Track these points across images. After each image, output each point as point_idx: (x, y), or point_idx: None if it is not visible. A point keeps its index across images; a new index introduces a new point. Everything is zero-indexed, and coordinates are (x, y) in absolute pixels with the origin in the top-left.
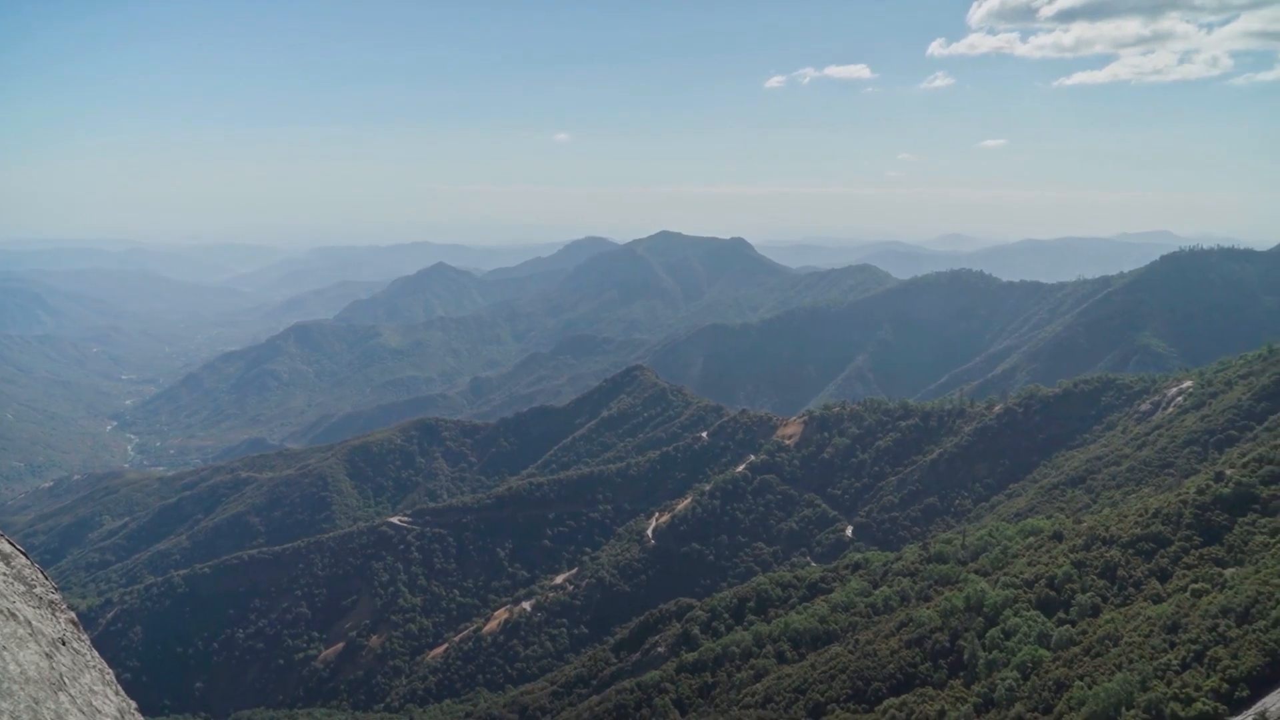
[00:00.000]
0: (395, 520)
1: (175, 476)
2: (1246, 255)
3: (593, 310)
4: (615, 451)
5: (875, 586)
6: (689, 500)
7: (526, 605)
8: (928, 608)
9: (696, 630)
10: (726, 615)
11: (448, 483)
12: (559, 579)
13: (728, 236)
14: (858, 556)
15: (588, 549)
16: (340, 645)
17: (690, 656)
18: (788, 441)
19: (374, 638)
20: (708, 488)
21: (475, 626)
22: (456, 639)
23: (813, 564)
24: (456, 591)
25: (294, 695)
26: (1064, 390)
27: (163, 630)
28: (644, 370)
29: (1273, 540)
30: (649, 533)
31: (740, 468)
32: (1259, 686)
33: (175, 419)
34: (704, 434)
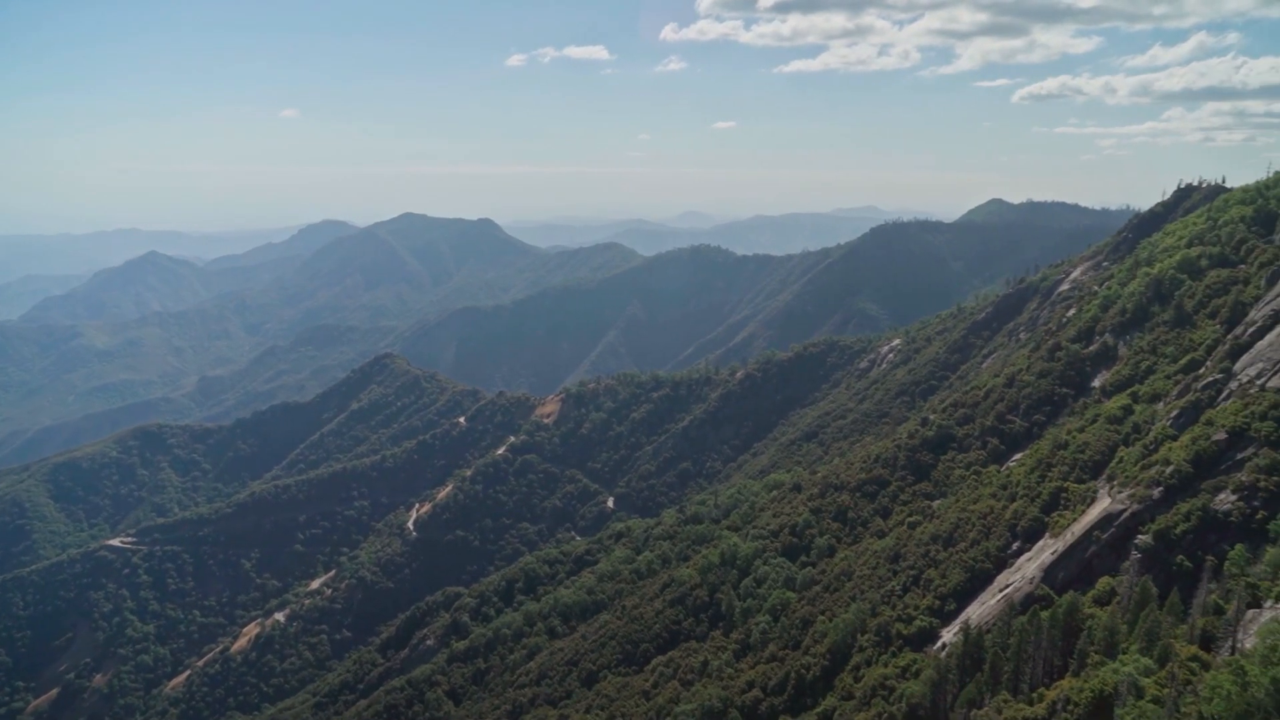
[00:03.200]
0: (116, 542)
1: None
2: (937, 227)
3: (334, 298)
4: (369, 444)
5: (638, 553)
6: (450, 487)
7: (280, 616)
8: (687, 567)
9: (466, 618)
10: (496, 599)
11: (179, 495)
12: (315, 584)
13: (475, 218)
14: (620, 526)
15: (345, 549)
16: (55, 691)
17: (461, 645)
18: (546, 420)
19: (98, 677)
20: (469, 473)
21: (222, 647)
22: (200, 663)
23: (578, 538)
24: (197, 612)
25: None
26: (795, 354)
27: None
28: (394, 358)
29: (968, 473)
30: (410, 525)
31: (501, 450)
32: (963, 599)
33: None
34: (461, 419)
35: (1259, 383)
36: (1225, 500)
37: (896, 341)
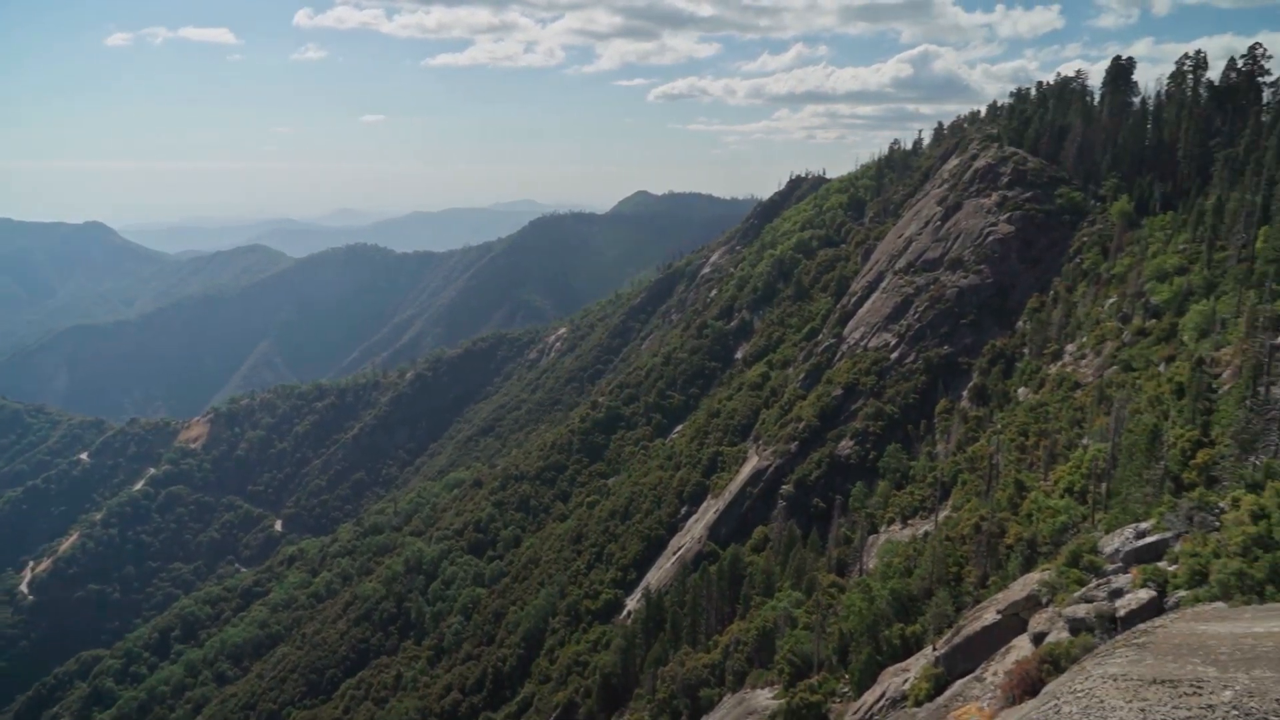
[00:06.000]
0: None
1: None
2: (591, 218)
3: None
4: None
5: (315, 574)
6: (76, 536)
7: None
8: (371, 580)
9: (110, 683)
10: (147, 654)
11: None
12: None
13: (80, 221)
14: (292, 549)
15: None
16: None
17: (106, 716)
18: (194, 445)
19: None
20: (99, 516)
21: None
22: None
23: (243, 570)
24: None
25: None
26: (465, 350)
27: None
28: None
29: (637, 448)
30: (24, 588)
31: (139, 485)
32: (642, 567)
33: None
34: (84, 455)
35: (862, 344)
36: (845, 446)
37: (563, 330)
